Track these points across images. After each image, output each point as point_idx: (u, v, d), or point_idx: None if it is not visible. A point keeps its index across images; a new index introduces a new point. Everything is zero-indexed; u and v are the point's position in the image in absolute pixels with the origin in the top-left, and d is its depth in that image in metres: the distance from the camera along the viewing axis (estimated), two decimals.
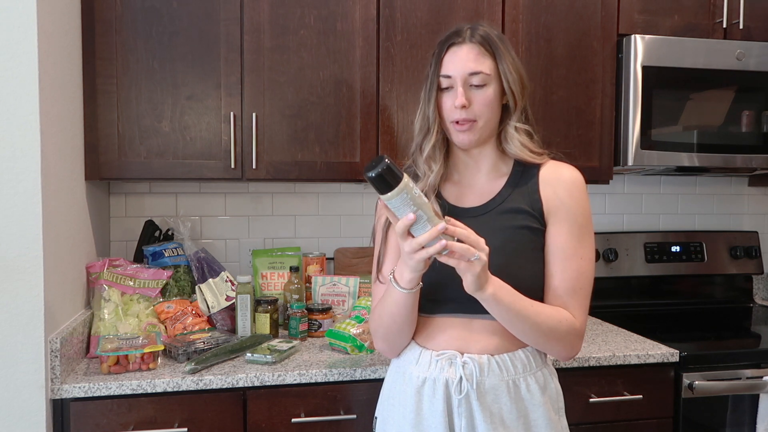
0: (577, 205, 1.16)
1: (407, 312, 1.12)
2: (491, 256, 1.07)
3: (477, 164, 1.22)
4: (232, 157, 1.73)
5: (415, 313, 1.14)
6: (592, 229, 1.18)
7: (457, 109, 1.13)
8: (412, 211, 0.95)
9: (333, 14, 1.78)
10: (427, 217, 0.96)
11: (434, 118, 1.16)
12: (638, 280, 2.31)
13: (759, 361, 1.73)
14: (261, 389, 1.49)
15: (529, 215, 1.15)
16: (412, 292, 1.08)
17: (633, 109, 1.93)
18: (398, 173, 0.93)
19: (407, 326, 1.16)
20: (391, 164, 0.93)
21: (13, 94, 1.32)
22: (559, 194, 1.16)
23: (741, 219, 2.52)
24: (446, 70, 1.14)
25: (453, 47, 1.15)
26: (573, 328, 1.12)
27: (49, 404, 1.39)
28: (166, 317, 1.72)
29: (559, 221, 1.15)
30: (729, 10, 1.99)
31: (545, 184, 1.17)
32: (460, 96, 1.12)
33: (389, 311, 1.14)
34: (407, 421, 1.16)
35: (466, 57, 1.13)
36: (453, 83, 1.14)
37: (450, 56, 1.14)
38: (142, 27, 1.69)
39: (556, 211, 1.15)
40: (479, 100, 1.13)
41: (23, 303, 1.34)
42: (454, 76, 1.13)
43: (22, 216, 1.33)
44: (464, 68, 1.13)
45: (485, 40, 1.14)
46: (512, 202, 1.17)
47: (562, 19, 1.91)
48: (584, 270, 1.15)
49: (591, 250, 1.16)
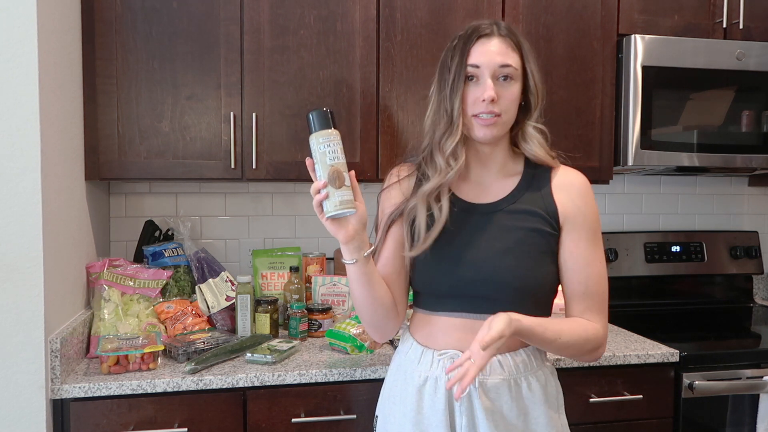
0: (591, 212, 1.17)
1: (363, 287, 1.13)
2: (503, 257, 1.10)
3: (487, 162, 1.20)
4: (232, 157, 1.73)
5: (377, 289, 1.15)
6: (601, 232, 1.20)
7: (485, 102, 1.09)
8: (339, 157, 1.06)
9: (333, 14, 1.78)
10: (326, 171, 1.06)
11: (459, 112, 1.11)
12: (638, 280, 2.31)
13: (759, 361, 1.73)
14: (261, 389, 1.49)
15: (542, 219, 1.15)
16: (352, 263, 1.10)
17: (633, 109, 1.93)
18: (335, 123, 1.08)
19: (375, 303, 1.16)
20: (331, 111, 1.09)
21: (13, 94, 1.32)
22: (575, 201, 1.16)
23: (741, 219, 2.52)
24: (474, 60, 1.10)
25: (482, 39, 1.11)
26: (598, 338, 1.15)
27: (49, 404, 1.39)
28: (166, 317, 1.72)
29: (577, 229, 1.15)
30: (729, 10, 1.99)
31: (559, 189, 1.17)
32: (489, 88, 1.08)
33: (352, 290, 1.16)
34: (408, 419, 1.16)
35: (497, 50, 1.10)
36: (479, 74, 1.10)
37: (479, 47, 1.10)
38: (142, 27, 1.69)
39: (574, 219, 1.15)
40: (506, 95, 1.11)
41: (23, 303, 1.34)
42: (483, 67, 1.10)
43: (22, 216, 1.33)
44: (494, 60, 1.09)
45: (514, 35, 1.13)
46: (525, 203, 1.17)
47: (562, 19, 1.91)
48: (603, 273, 1.17)
49: (603, 252, 1.19)
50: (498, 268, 1.12)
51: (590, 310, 1.16)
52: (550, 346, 1.10)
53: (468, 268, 1.13)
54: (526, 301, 1.14)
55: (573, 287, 1.16)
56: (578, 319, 1.16)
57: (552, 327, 1.09)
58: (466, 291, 1.14)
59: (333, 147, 1.06)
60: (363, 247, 1.10)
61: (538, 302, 1.16)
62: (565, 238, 1.16)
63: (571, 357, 1.17)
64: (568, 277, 1.16)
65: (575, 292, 1.16)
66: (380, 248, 1.22)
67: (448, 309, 1.16)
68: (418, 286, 1.21)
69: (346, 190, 1.05)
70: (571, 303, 1.18)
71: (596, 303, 1.16)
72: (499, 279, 1.12)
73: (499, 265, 1.12)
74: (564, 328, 1.11)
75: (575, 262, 1.15)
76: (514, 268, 1.11)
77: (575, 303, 1.17)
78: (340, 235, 1.08)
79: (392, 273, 1.21)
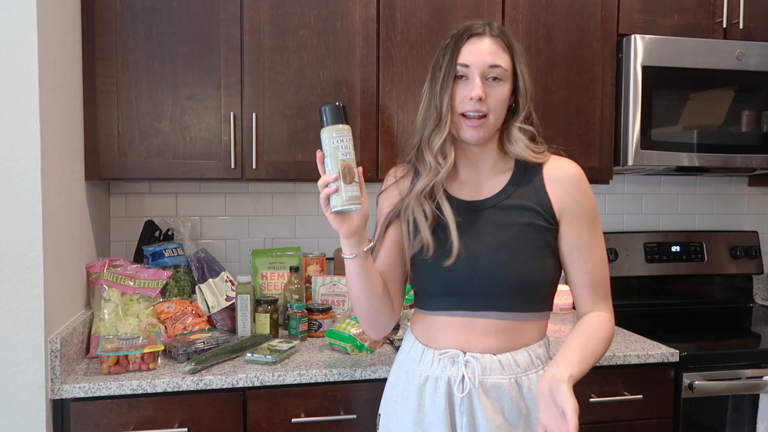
0: (587, 200, 1.17)
1: (361, 281, 1.14)
2: (497, 252, 1.10)
3: (477, 163, 1.21)
4: (232, 157, 1.73)
5: (374, 285, 1.16)
6: (599, 216, 1.21)
7: (472, 100, 1.10)
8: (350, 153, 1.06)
9: (333, 14, 1.78)
10: (336, 164, 1.05)
11: (448, 109, 1.12)
12: (638, 280, 2.31)
13: (759, 361, 1.73)
14: (261, 389, 1.49)
15: (536, 213, 1.15)
16: (352, 258, 1.11)
17: (633, 109, 1.93)
18: (347, 119, 1.08)
19: (372, 298, 1.16)
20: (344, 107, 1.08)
21: (13, 94, 1.32)
22: (571, 192, 1.16)
23: (741, 219, 2.52)
24: (464, 59, 1.11)
25: (473, 38, 1.12)
26: (611, 326, 1.18)
27: (49, 404, 1.39)
28: (166, 317, 1.72)
29: (576, 219, 1.16)
30: (729, 10, 1.99)
31: (552, 182, 1.17)
32: (477, 87, 1.09)
33: (350, 286, 1.16)
34: (409, 418, 1.16)
35: (487, 50, 1.11)
36: (469, 73, 1.11)
37: (469, 46, 1.11)
38: (142, 27, 1.69)
39: (571, 210, 1.16)
40: (495, 95, 1.11)
41: (23, 303, 1.34)
42: (473, 67, 1.10)
43: (22, 216, 1.33)
44: (484, 60, 1.10)
45: (505, 35, 1.14)
46: (517, 198, 1.16)
47: (562, 19, 1.91)
48: (604, 258, 1.19)
49: (602, 236, 1.20)
50: (493, 264, 1.12)
51: (598, 300, 1.18)
52: (589, 369, 1.11)
53: (463, 265, 1.13)
54: (523, 297, 1.14)
55: (579, 278, 1.17)
56: (592, 320, 1.16)
57: (587, 353, 1.09)
58: (463, 289, 1.14)
59: (345, 142, 1.06)
60: (363, 243, 1.11)
61: (535, 297, 1.16)
62: (565, 229, 1.16)
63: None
64: (575, 268, 1.17)
65: (582, 283, 1.17)
66: (378, 248, 1.23)
67: (447, 308, 1.17)
68: (417, 286, 1.22)
69: (355, 186, 1.05)
70: (580, 294, 1.19)
71: (602, 290, 1.19)
72: (495, 275, 1.12)
73: (493, 261, 1.12)
74: (593, 345, 1.11)
75: (581, 253, 1.16)
76: (508, 264, 1.12)
77: (583, 294, 1.18)
78: (343, 229, 1.09)
79: (389, 271, 1.22)
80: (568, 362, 1.04)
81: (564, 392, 0.97)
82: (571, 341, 1.10)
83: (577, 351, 1.07)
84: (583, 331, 1.13)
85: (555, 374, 1.00)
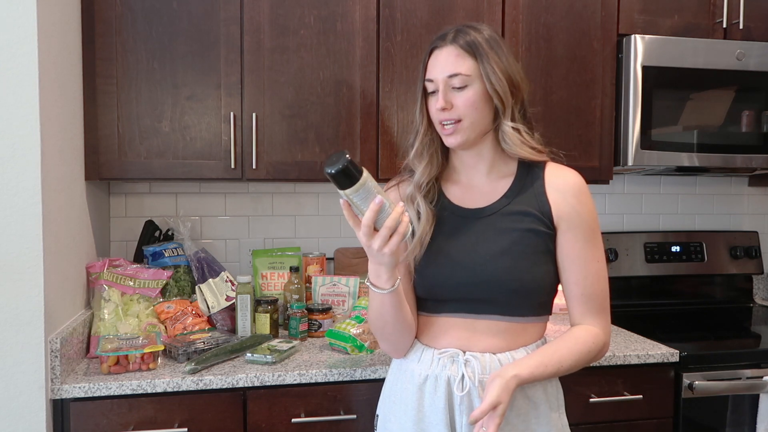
0: (587, 211, 1.16)
1: (395, 311, 1.11)
2: (499, 258, 1.10)
3: (475, 165, 1.21)
4: (232, 157, 1.73)
5: (405, 311, 1.14)
6: (600, 229, 1.19)
7: (440, 111, 1.14)
8: (375, 199, 0.96)
9: (333, 14, 1.78)
10: (388, 203, 0.98)
11: (421, 119, 1.19)
12: (638, 280, 2.31)
13: (759, 361, 1.73)
14: (261, 389, 1.49)
15: (537, 219, 1.15)
16: (392, 290, 1.08)
17: (633, 109, 1.93)
18: (358, 165, 0.95)
19: (401, 325, 1.15)
20: (350, 158, 0.94)
21: (13, 94, 1.32)
22: (570, 201, 1.16)
23: (741, 219, 2.52)
24: (429, 74, 1.15)
25: (435, 51, 1.15)
26: (598, 344, 1.16)
27: (49, 404, 1.39)
28: (166, 317, 1.72)
29: (572, 229, 1.15)
30: (729, 10, 1.99)
31: (553, 189, 1.17)
32: (440, 99, 1.13)
33: (378, 314, 1.13)
34: (408, 417, 1.16)
35: (445, 60, 1.13)
36: (435, 87, 1.14)
37: (432, 60, 1.15)
38: (142, 27, 1.69)
39: (569, 219, 1.15)
40: (461, 101, 1.13)
41: (23, 303, 1.34)
42: (436, 81, 1.14)
43: (22, 216, 1.33)
44: (443, 71, 1.13)
45: (465, 41, 1.13)
46: (519, 204, 1.17)
47: (562, 19, 1.91)
48: (602, 272, 1.17)
49: (603, 250, 1.19)
50: (495, 270, 1.12)
51: (590, 313, 1.16)
52: (555, 375, 1.13)
53: (465, 272, 1.13)
54: (524, 302, 1.14)
55: (571, 288, 1.17)
56: (576, 331, 1.16)
57: (551, 360, 1.10)
58: (465, 294, 1.14)
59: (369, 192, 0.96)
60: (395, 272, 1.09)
61: (536, 302, 1.16)
62: (561, 238, 1.16)
63: (578, 369, 1.17)
64: (566, 277, 1.17)
65: (573, 293, 1.17)
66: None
67: (448, 311, 1.17)
68: (420, 292, 1.21)
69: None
70: (571, 305, 1.18)
71: (595, 304, 1.17)
72: (496, 281, 1.12)
73: (495, 267, 1.12)
74: (563, 353, 1.11)
75: (572, 263, 1.15)
76: (510, 269, 1.12)
77: (575, 305, 1.18)
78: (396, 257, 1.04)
79: (406, 282, 1.19)
80: (522, 363, 1.07)
81: (494, 386, 1.02)
82: (542, 347, 1.14)
83: (539, 356, 1.10)
84: (560, 339, 1.14)
85: (502, 370, 1.05)
